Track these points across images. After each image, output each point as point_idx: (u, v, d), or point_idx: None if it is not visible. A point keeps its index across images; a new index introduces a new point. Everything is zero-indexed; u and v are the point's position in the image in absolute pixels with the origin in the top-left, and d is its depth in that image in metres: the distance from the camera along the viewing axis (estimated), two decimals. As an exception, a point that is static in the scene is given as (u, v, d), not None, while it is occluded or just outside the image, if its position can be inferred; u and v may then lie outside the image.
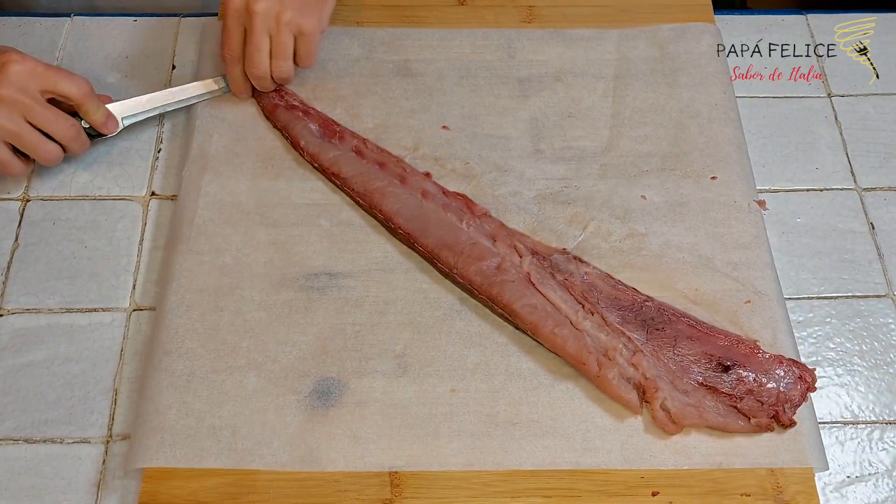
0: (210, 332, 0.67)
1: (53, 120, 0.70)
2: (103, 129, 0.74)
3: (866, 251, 0.74)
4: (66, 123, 0.71)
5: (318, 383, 0.65)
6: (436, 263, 0.70)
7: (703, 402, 0.63)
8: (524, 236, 0.72)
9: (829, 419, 0.66)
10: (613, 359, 0.64)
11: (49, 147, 0.71)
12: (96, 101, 0.73)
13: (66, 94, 0.71)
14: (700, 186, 0.75)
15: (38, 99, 0.69)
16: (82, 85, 0.71)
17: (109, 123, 0.75)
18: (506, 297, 0.67)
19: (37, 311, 0.70)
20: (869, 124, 0.81)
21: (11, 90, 0.67)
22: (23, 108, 0.68)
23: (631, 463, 0.62)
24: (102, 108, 0.74)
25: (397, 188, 0.73)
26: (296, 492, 0.61)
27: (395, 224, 0.71)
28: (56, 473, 0.63)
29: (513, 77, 0.82)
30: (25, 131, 0.69)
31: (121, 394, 0.66)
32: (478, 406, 0.64)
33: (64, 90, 0.70)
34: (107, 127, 0.75)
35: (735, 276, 0.70)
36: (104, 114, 0.74)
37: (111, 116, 0.75)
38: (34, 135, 0.70)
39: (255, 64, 0.74)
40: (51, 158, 0.72)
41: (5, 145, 0.70)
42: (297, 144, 0.76)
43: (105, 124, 0.74)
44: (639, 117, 0.79)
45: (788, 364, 0.64)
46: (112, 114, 0.75)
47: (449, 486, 0.61)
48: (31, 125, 0.69)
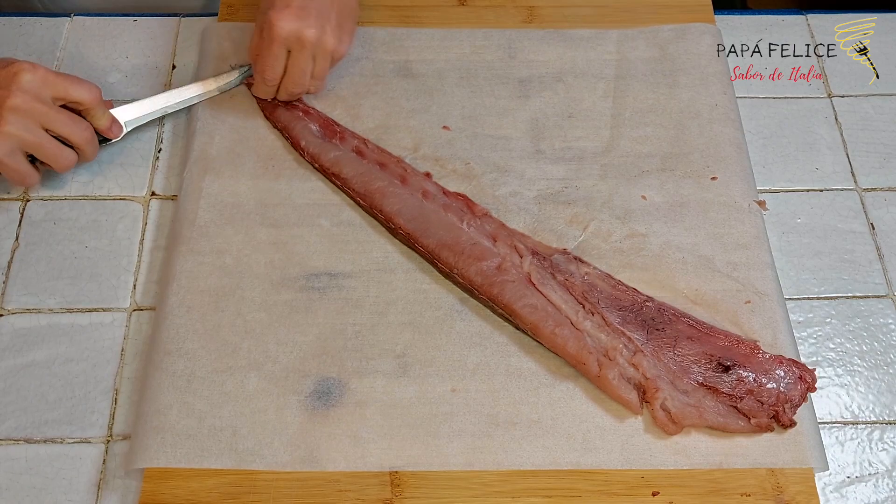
0: (211, 333, 0.67)
1: (70, 124, 0.70)
2: (108, 134, 0.75)
3: (866, 251, 0.74)
4: (81, 127, 0.71)
5: (318, 383, 0.65)
6: (436, 264, 0.70)
7: (703, 403, 0.63)
8: (525, 236, 0.72)
9: (829, 419, 0.67)
10: (614, 359, 0.64)
11: (66, 153, 0.71)
12: (103, 107, 0.74)
13: (78, 99, 0.71)
14: (700, 187, 0.75)
15: (52, 105, 0.69)
16: (93, 90, 0.72)
17: (114, 128, 0.75)
18: (506, 297, 0.67)
19: (37, 311, 0.70)
20: (869, 124, 0.81)
21: (26, 98, 0.67)
22: (39, 116, 0.68)
23: (631, 463, 0.62)
24: (107, 113, 0.74)
25: (398, 188, 0.73)
26: (296, 492, 0.61)
27: (395, 224, 0.71)
28: (56, 473, 0.63)
29: (513, 77, 0.82)
30: (45, 140, 0.69)
31: (121, 394, 0.66)
32: (478, 406, 0.64)
33: (75, 96, 0.70)
34: (112, 131, 0.75)
35: (735, 276, 0.70)
36: (109, 118, 0.74)
37: (115, 121, 0.75)
38: (53, 142, 0.70)
39: (298, 84, 0.76)
40: (68, 165, 0.72)
41: (23, 155, 0.70)
42: (298, 145, 0.76)
43: (110, 129, 0.75)
44: (639, 118, 0.79)
45: (789, 364, 0.64)
46: (116, 119, 0.75)
47: (449, 487, 0.61)
48: (46, 133, 0.70)
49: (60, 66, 0.83)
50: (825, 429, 0.66)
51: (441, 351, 0.67)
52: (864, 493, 0.64)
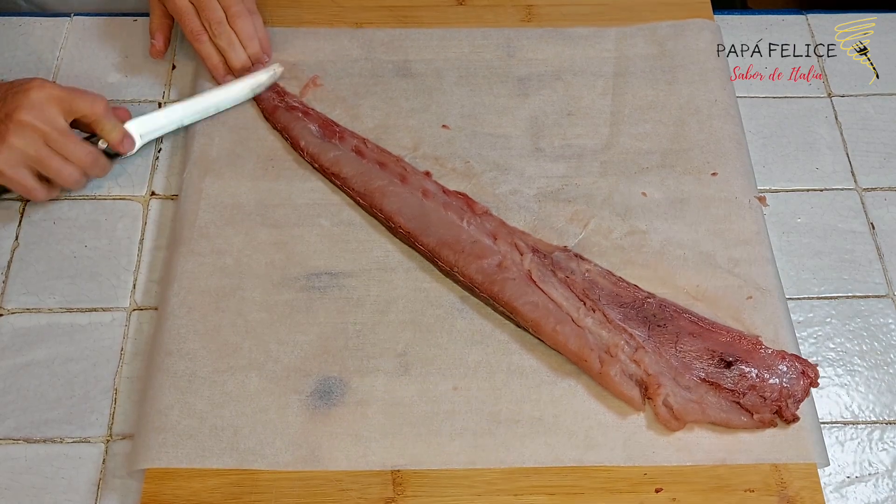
0: (212, 333, 0.67)
1: (70, 147, 0.70)
2: (119, 149, 0.74)
3: (866, 251, 0.74)
4: (83, 151, 0.71)
5: (319, 383, 0.65)
6: (437, 262, 0.70)
7: (705, 398, 0.63)
8: (525, 234, 0.72)
9: (829, 419, 0.66)
10: (615, 355, 0.64)
11: (70, 171, 0.71)
12: (112, 120, 0.73)
13: (82, 112, 0.71)
14: (700, 183, 0.75)
15: (57, 125, 0.69)
16: (97, 103, 0.71)
17: (126, 142, 0.74)
18: (507, 295, 0.67)
19: (37, 311, 0.69)
20: (869, 124, 0.82)
21: (31, 116, 0.68)
22: (43, 134, 0.68)
23: (634, 460, 0.62)
24: (119, 127, 0.74)
25: (398, 187, 0.73)
26: (298, 491, 0.61)
27: (395, 223, 0.71)
28: (56, 473, 0.63)
29: (512, 76, 0.82)
30: (46, 156, 0.69)
31: (121, 393, 0.66)
32: (480, 404, 0.64)
33: (80, 109, 0.71)
34: (123, 146, 0.74)
35: (736, 272, 0.70)
36: (120, 132, 0.74)
37: (127, 135, 0.74)
38: (55, 160, 0.70)
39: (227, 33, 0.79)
40: (72, 182, 0.72)
41: (29, 171, 0.70)
42: (298, 145, 0.76)
43: (121, 143, 0.74)
44: (638, 115, 0.79)
45: (791, 359, 0.64)
46: (128, 133, 0.74)
47: (451, 485, 0.61)
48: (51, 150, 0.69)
49: (60, 65, 0.83)
50: (825, 428, 0.66)
51: (442, 349, 0.67)
52: (865, 493, 0.64)
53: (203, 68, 0.81)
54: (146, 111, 0.77)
